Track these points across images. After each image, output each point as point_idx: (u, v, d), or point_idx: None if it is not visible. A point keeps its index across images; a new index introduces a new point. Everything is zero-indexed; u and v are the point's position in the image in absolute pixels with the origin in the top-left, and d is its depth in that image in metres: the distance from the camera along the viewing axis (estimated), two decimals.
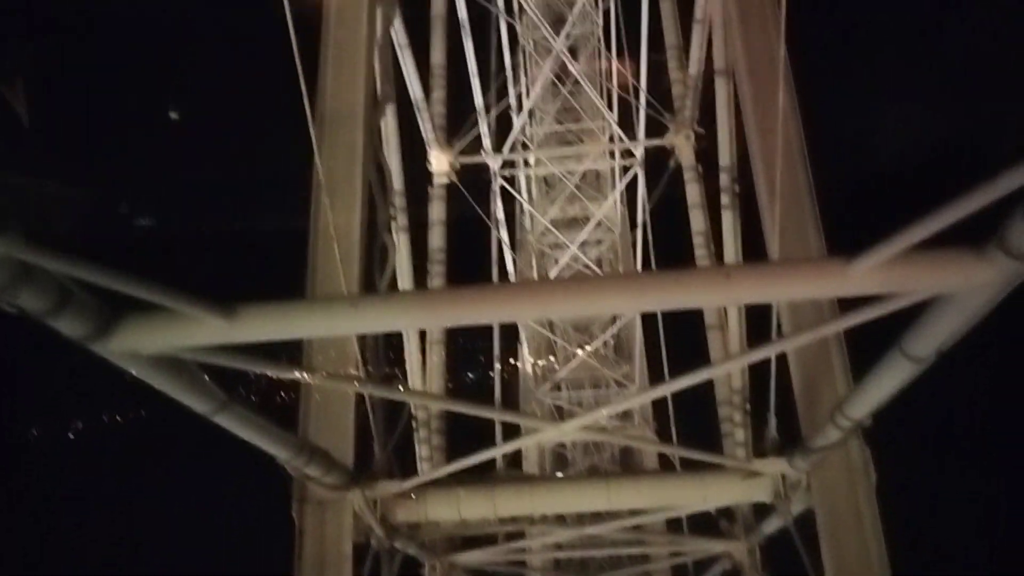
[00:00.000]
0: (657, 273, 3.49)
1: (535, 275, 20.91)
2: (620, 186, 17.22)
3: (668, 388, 5.24)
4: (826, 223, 6.81)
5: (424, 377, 10.65)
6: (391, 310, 3.60)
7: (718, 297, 3.48)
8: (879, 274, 3.23)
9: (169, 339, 3.53)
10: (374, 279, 7.34)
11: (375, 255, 7.34)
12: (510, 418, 7.75)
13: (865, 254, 3.21)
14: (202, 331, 3.49)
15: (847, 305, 3.69)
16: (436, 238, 12.27)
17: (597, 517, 7.60)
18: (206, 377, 3.95)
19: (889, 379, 4.07)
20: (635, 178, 16.11)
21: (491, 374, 18.32)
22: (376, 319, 3.59)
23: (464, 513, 6.70)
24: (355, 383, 5.84)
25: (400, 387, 8.34)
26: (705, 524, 9.34)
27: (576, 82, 17.18)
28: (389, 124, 9.72)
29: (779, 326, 5.52)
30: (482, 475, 7.53)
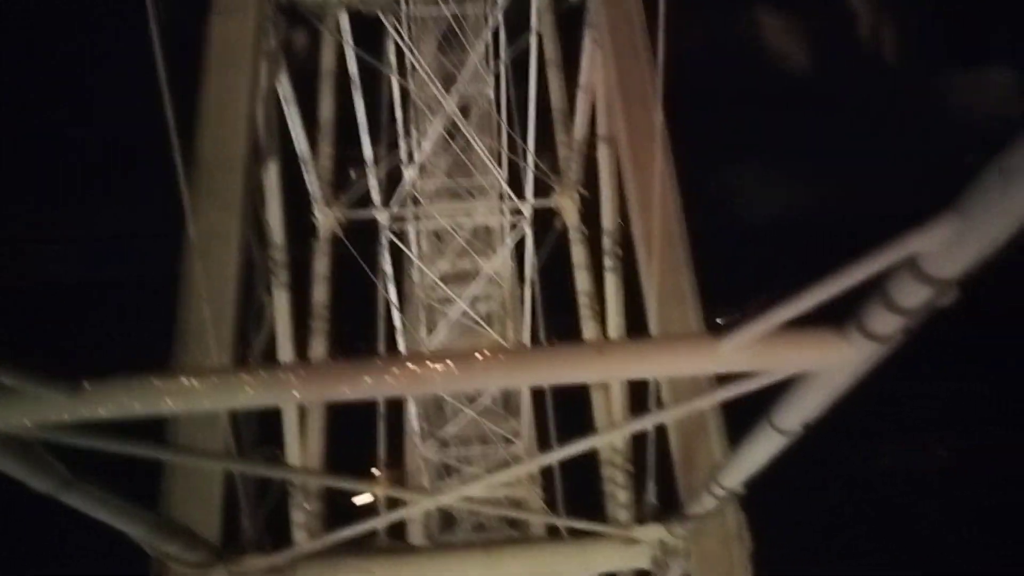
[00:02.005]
0: (533, 349, 3.47)
1: (423, 330, 20.71)
2: (509, 242, 17.37)
3: (552, 457, 5.21)
4: (703, 282, 7.05)
5: (302, 445, 10.27)
6: (257, 386, 3.41)
7: (592, 373, 3.48)
8: (747, 352, 3.30)
9: (5, 417, 3.23)
10: (250, 339, 7.06)
11: (251, 314, 7.07)
12: (392, 492, 7.55)
13: (734, 332, 3.27)
14: (42, 408, 3.21)
15: (723, 378, 3.77)
16: (320, 294, 12.00)
17: None
18: (48, 457, 3.63)
19: (760, 450, 4.16)
20: (524, 235, 16.30)
21: (374, 432, 17.91)
22: (238, 396, 3.40)
23: None
24: (223, 460, 5.53)
25: (274, 462, 7.96)
26: None
27: (466, 138, 17.36)
28: (272, 177, 9.50)
29: (659, 394, 5.60)
30: (360, 545, 7.24)
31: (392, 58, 19.42)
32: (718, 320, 3.59)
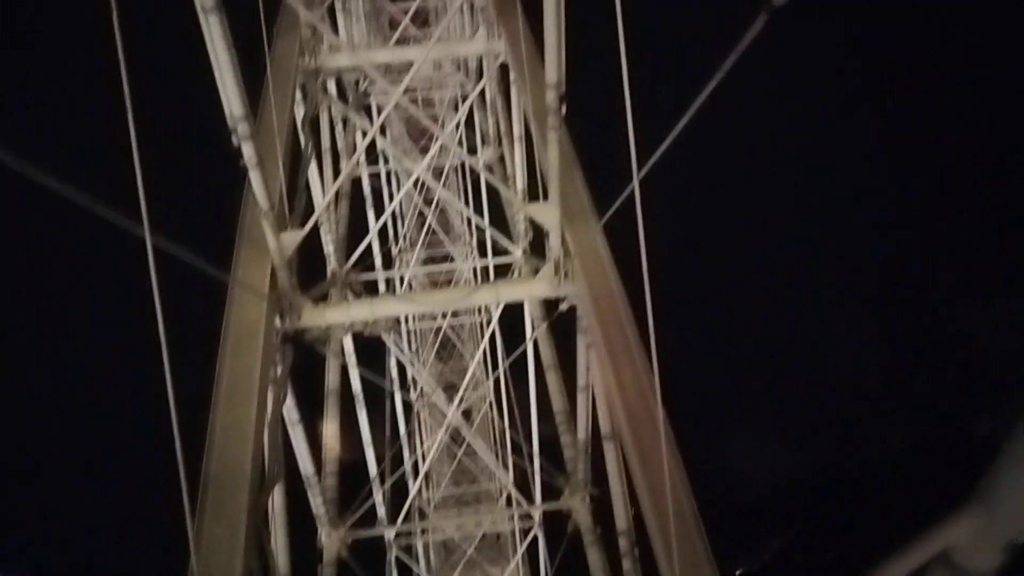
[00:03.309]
0: None
1: None
2: (520, 549, 16.68)
3: None
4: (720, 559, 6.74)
5: None
6: None
7: None
8: None
9: None
10: None
11: None
12: None
13: None
14: None
15: None
16: None
17: None
18: None
19: None
20: (536, 539, 15.71)
21: None
22: None
23: None
24: None
25: None
26: None
27: (470, 444, 17.37)
28: (277, 500, 9.35)
29: None
30: None
31: (394, 371, 20.06)
32: None
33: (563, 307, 9.15)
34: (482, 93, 15.23)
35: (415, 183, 15.23)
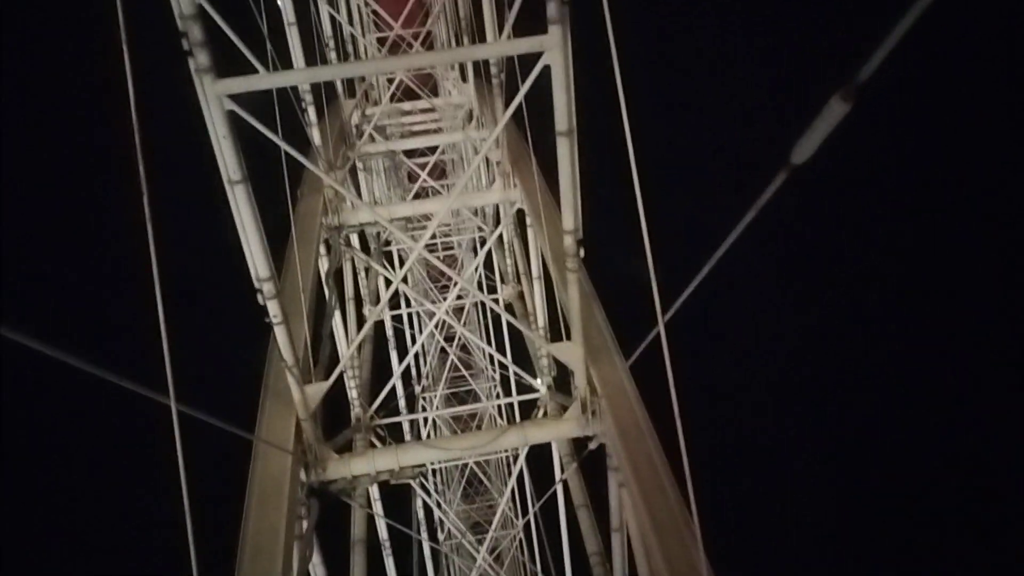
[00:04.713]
0: None
1: None
2: None
3: None
4: None
5: None
6: None
7: None
8: None
9: None
10: None
11: None
12: None
13: None
14: None
15: None
16: None
17: None
18: None
19: None
20: None
21: None
22: None
23: None
24: None
25: None
26: None
27: None
28: None
29: None
30: None
31: (420, 512, 19.59)
32: None
33: (592, 445, 8.99)
34: (499, 235, 15.60)
35: (436, 324, 15.38)
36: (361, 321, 14.88)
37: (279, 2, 11.09)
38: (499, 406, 18.12)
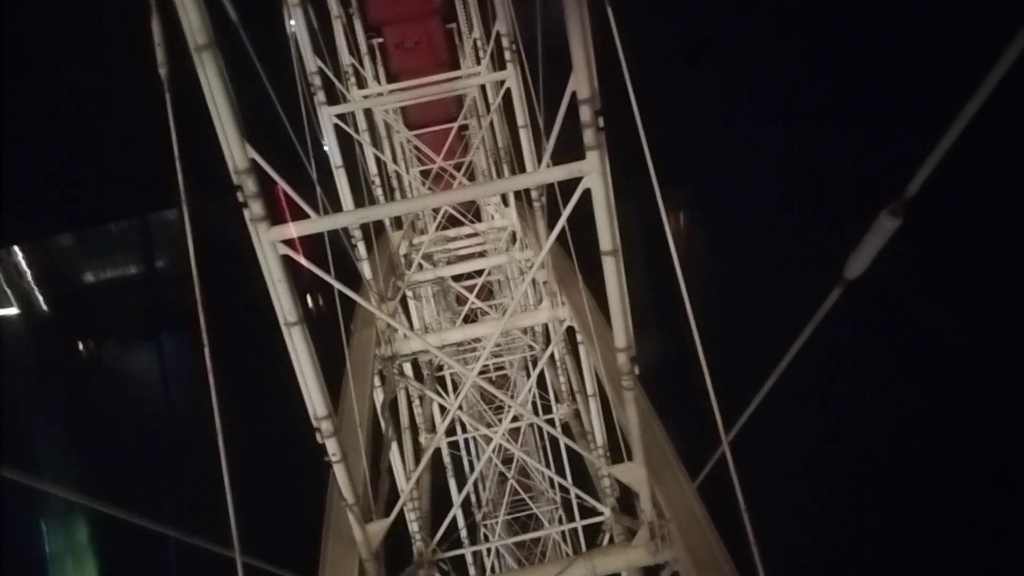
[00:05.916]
0: None
1: None
2: None
3: None
4: None
5: None
6: None
7: None
8: None
9: None
10: None
11: None
12: None
13: None
14: None
15: None
16: None
17: None
18: None
19: None
20: None
21: None
22: None
23: None
24: None
25: None
26: None
27: None
28: None
29: None
30: None
31: None
32: None
33: (664, 575, 8.58)
34: (551, 354, 15.53)
35: (494, 449, 15.16)
36: (417, 449, 14.73)
37: (325, 148, 11.59)
38: (563, 531, 17.54)
